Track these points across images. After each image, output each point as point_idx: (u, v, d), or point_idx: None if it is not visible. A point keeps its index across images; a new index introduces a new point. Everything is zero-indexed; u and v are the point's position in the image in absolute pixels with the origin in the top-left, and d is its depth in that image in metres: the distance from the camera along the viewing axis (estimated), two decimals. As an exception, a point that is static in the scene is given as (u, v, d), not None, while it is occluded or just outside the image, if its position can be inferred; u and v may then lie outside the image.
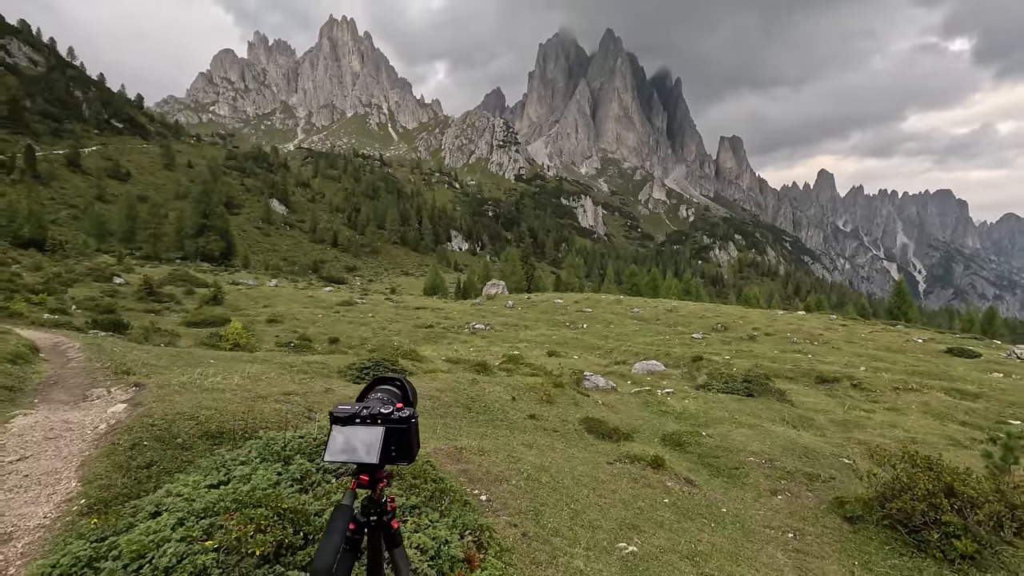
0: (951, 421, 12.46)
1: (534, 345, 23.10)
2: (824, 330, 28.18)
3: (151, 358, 9.30)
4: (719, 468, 7.12)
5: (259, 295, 33.29)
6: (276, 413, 5.64)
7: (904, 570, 4.50)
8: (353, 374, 9.48)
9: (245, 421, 5.13)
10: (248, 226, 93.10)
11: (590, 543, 4.03)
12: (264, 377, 7.99)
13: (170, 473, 4.26)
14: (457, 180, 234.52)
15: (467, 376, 10.16)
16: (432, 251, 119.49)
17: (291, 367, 9.60)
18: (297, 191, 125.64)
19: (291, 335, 21.74)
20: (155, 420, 5.01)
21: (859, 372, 17.33)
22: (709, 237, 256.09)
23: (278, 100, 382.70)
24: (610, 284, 77.48)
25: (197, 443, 4.82)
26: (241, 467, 3.21)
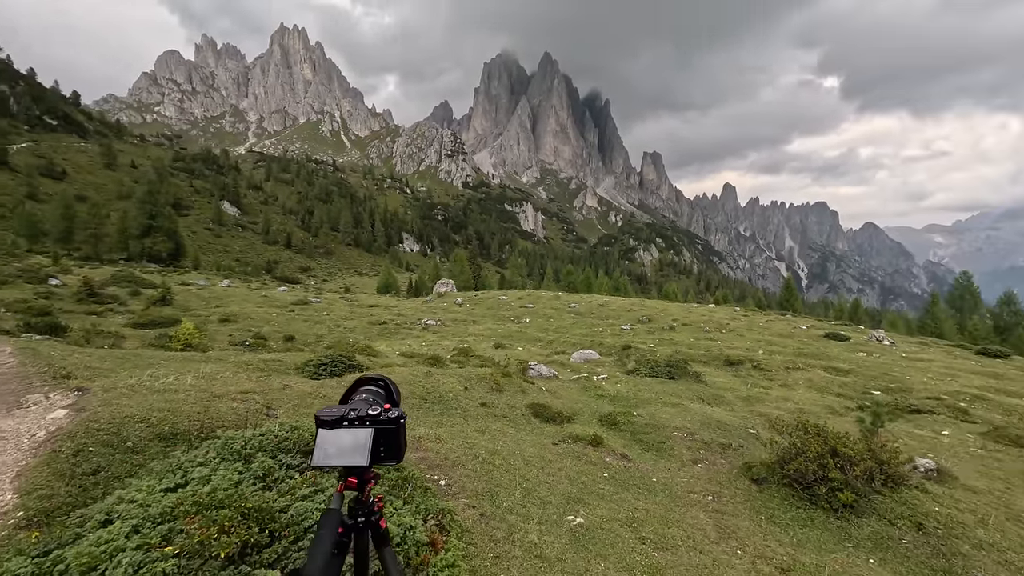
0: (829, 393, 13.59)
1: (482, 338, 22.98)
2: (730, 320, 30.00)
3: (94, 361, 8.33)
4: (649, 443, 7.37)
5: (211, 295, 30.82)
6: (233, 412, 5.21)
7: (800, 520, 4.89)
8: (311, 370, 8.97)
9: (201, 421, 4.69)
10: (198, 227, 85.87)
11: (542, 518, 4.06)
12: (219, 376, 7.38)
13: (120, 479, 3.83)
14: (408, 186, 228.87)
15: (422, 369, 9.93)
16: (385, 252, 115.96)
17: (247, 365, 8.93)
18: (249, 193, 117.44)
19: (245, 334, 20.32)
20: (101, 424, 4.47)
21: (758, 355, 18.49)
22: (635, 240, 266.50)
23: (228, 104, 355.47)
24: (549, 282, 78.75)
25: (149, 446, 4.36)
26: (199, 468, 2.92)
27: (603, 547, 3.76)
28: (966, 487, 6.45)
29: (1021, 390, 15.17)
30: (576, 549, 3.65)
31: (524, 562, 3.31)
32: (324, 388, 7.39)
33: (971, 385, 15.04)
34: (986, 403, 12.89)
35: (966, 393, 13.74)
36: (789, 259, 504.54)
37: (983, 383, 15.63)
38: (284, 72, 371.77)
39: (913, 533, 4.69)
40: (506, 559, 3.29)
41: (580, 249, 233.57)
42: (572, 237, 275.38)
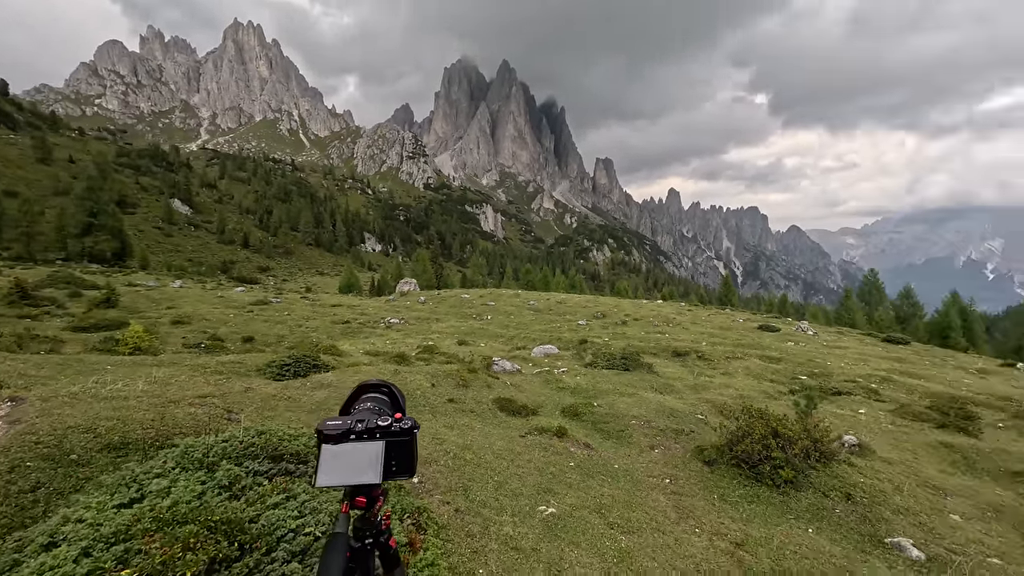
0: (764, 380, 14.31)
1: (446, 336, 22.62)
2: (676, 315, 31.20)
3: (30, 368, 7.45)
4: (609, 432, 7.48)
5: (161, 296, 28.51)
6: (191, 418, 4.80)
7: (748, 497, 5.11)
8: (274, 371, 8.44)
9: (156, 429, 4.27)
10: (146, 226, 79.22)
11: (515, 510, 4.00)
12: (174, 380, 6.79)
13: (64, 495, 3.41)
14: (370, 187, 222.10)
15: (389, 367, 9.63)
16: (347, 252, 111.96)
17: (204, 368, 8.30)
18: (202, 192, 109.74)
19: (201, 336, 18.93)
20: (40, 437, 3.98)
21: (702, 346, 19.29)
22: (588, 241, 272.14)
23: (178, 99, 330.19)
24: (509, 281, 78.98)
25: (97, 458, 3.92)
26: (157, 480, 2.62)
27: (575, 534, 3.76)
28: (882, 459, 7.01)
29: (920, 372, 16.75)
30: (550, 538, 3.63)
31: (501, 555, 3.24)
32: (288, 390, 6.98)
33: (880, 368, 16.41)
34: (892, 384, 14.09)
35: (876, 375, 14.96)
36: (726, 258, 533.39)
37: (889, 366, 17.10)
38: (239, 68, 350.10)
39: (843, 503, 5.03)
40: (483, 553, 3.21)
41: (538, 249, 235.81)
42: (530, 238, 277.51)
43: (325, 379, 7.87)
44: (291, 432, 3.51)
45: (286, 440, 3.35)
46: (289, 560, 2.05)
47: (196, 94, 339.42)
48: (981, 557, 4.15)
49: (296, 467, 3.02)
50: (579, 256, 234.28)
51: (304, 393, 6.83)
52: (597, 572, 3.24)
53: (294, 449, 3.23)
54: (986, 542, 4.57)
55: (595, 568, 3.29)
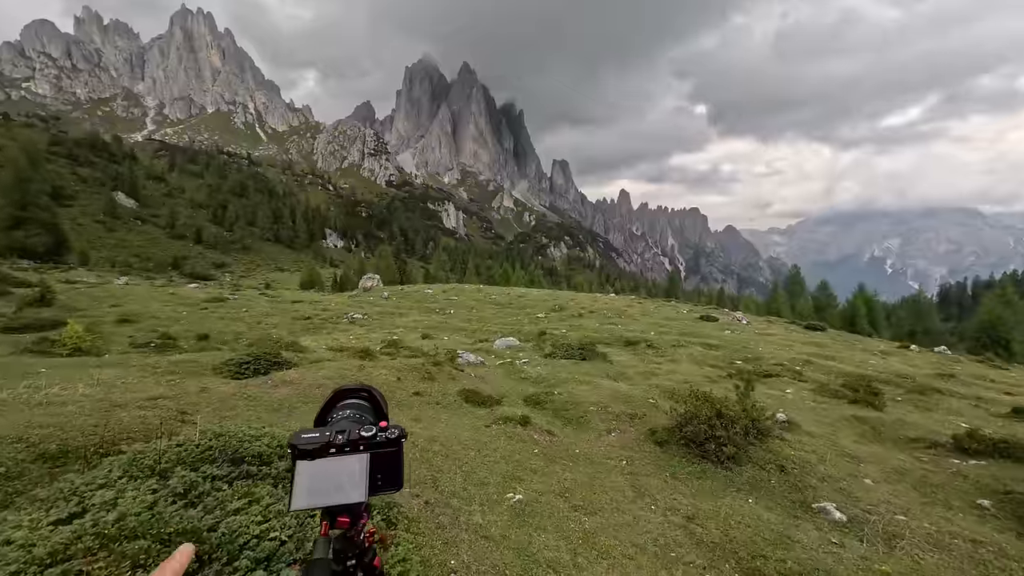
0: (706, 365, 14.97)
1: (409, 330, 22.13)
2: (627, 307, 32.14)
3: (-52, 374, 6.54)
4: (569, 418, 7.56)
5: (104, 294, 25.92)
6: (141, 422, 4.35)
7: (696, 473, 5.34)
8: (231, 370, 7.87)
9: (100, 436, 3.83)
10: (86, 220, 71.75)
11: (483, 499, 3.94)
12: (120, 383, 6.18)
13: (-11, 511, 2.99)
14: (331, 183, 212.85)
15: (354, 362, 9.25)
16: (308, 248, 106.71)
17: (155, 368, 7.61)
18: (149, 184, 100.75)
19: (150, 335, 17.36)
20: (-39, 450, 3.47)
21: (651, 336, 19.94)
22: (546, 238, 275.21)
23: (119, 86, 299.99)
24: (471, 276, 78.49)
25: (29, 469, 3.47)
26: (101, 492, 2.32)
27: (542, 519, 3.76)
28: (807, 433, 7.56)
29: (835, 354, 18.24)
30: (518, 524, 3.60)
31: (472, 544, 3.18)
32: (248, 388, 6.53)
33: (803, 352, 17.70)
34: (813, 366, 15.24)
35: (799, 359, 16.11)
36: (671, 255, 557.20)
37: (810, 350, 18.49)
38: (188, 57, 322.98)
39: (778, 474, 5.36)
40: (455, 544, 3.13)
41: (499, 246, 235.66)
42: (491, 235, 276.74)
43: (287, 376, 7.44)
44: (252, 433, 3.25)
45: (247, 441, 3.09)
46: (253, 568, 1.87)
47: (140, 82, 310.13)
48: (891, 515, 4.55)
49: (259, 469, 2.79)
50: (538, 253, 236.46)
51: (265, 391, 6.42)
52: (564, 554, 3.26)
53: (256, 450, 3.00)
54: (893, 501, 5.03)
55: (562, 550, 3.30)
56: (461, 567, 2.93)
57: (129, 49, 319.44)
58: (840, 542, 3.94)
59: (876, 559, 3.67)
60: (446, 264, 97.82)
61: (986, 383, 14.44)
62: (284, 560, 1.98)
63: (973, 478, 6.01)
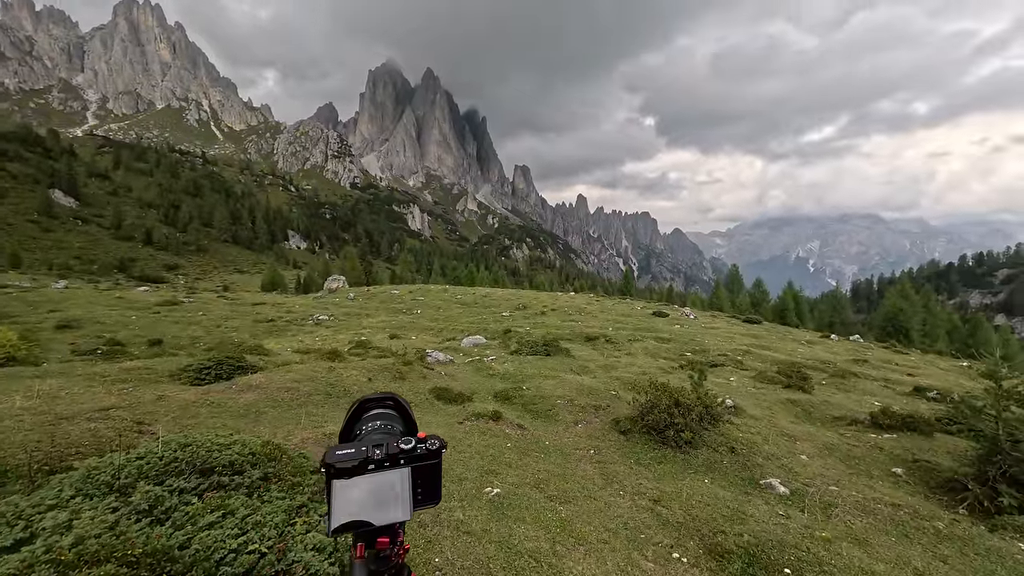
0: (659, 357, 15.42)
1: (377, 330, 21.46)
2: (586, 305, 32.77)
3: None
4: (538, 412, 7.59)
5: (40, 299, 23.30)
6: (92, 434, 3.91)
7: (658, 459, 5.51)
8: (191, 376, 7.27)
9: (44, 452, 3.41)
10: (17, 220, 64.13)
11: (462, 494, 3.87)
12: (64, 393, 5.53)
13: (-90, 542, 2.57)
14: (293, 184, 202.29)
15: (323, 364, 8.82)
16: (269, 249, 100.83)
17: (103, 377, 6.89)
18: (91, 183, 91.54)
19: (95, 341, 15.77)
20: None
21: (609, 331, 20.36)
22: (509, 240, 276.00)
23: (55, 77, 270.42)
24: (437, 277, 77.35)
25: (-41, 493, 3.02)
26: (52, 513, 2.04)
27: (520, 511, 3.74)
28: (751, 416, 8.02)
29: (769, 344, 19.49)
30: (498, 518, 3.56)
31: (454, 540, 3.10)
32: (211, 394, 6.05)
33: (743, 344, 18.77)
34: (752, 355, 16.19)
35: (740, 349, 17.06)
36: (625, 256, 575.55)
37: (749, 342, 19.66)
38: (134, 50, 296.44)
39: (729, 455, 5.64)
40: (437, 541, 3.04)
41: (463, 247, 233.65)
42: (456, 237, 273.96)
43: (253, 380, 6.97)
44: (221, 441, 3.00)
45: (216, 451, 2.85)
46: (232, 584, 1.72)
47: (80, 74, 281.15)
48: (825, 487, 4.91)
49: (231, 479, 2.57)
50: (501, 254, 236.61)
51: (230, 397, 5.98)
52: (544, 543, 3.25)
53: (227, 459, 2.76)
54: (826, 474, 5.43)
55: (542, 540, 3.30)
56: (445, 564, 2.85)
57: (66, 38, 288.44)
58: (786, 513, 4.20)
59: (817, 527, 3.95)
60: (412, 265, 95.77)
61: (892, 366, 15.97)
62: (265, 572, 1.83)
63: (887, 450, 6.61)
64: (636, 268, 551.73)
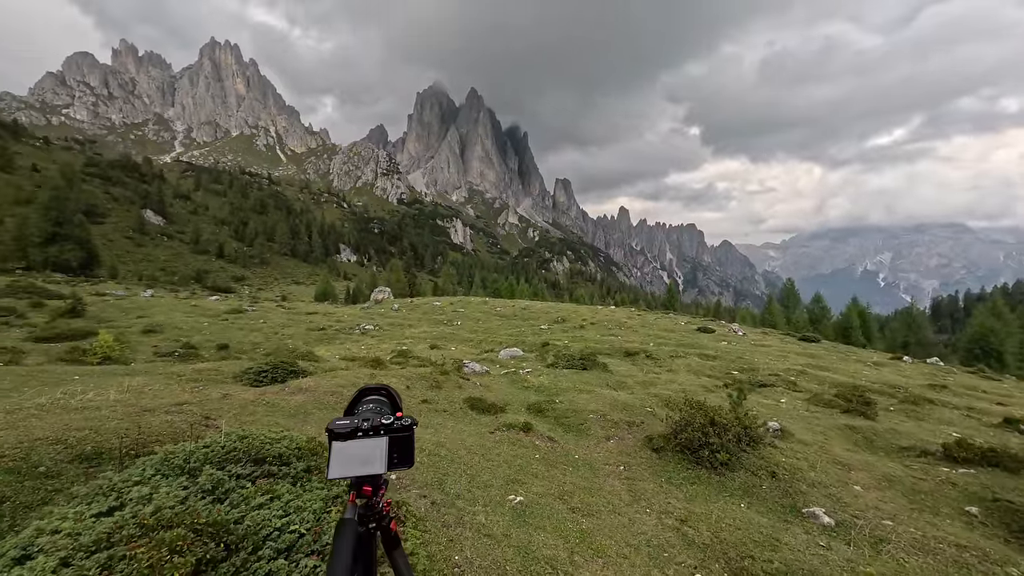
0: (703, 375, 14.81)
1: (419, 340, 22.21)
2: (627, 319, 31.98)
3: (-10, 380, 6.73)
4: (570, 425, 7.57)
5: (132, 306, 26.37)
6: (169, 425, 4.48)
7: (691, 479, 5.34)
8: (250, 378, 8.01)
9: (131, 438, 3.96)
10: (116, 236, 73.21)
11: (487, 500, 4.00)
12: (148, 389, 6.32)
13: (30, 508, 3.10)
14: (345, 201, 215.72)
15: (365, 371, 9.35)
16: (323, 262, 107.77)
17: (179, 376, 7.76)
18: (176, 203, 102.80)
19: (174, 344, 17.65)
20: (5, 450, 3.61)
21: (650, 347, 19.80)
22: (549, 253, 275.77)
23: (151, 112, 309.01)
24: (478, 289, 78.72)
25: (67, 469, 3.60)
26: (137, 488, 2.44)
27: (541, 520, 3.81)
28: (799, 441, 7.51)
29: (828, 365, 18.03)
30: (519, 524, 3.66)
31: (475, 542, 3.24)
32: (267, 395, 6.65)
33: (797, 363, 17.51)
34: (807, 376, 15.07)
35: (794, 369, 15.93)
36: (669, 269, 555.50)
37: (805, 361, 18.29)
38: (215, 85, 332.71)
39: (769, 480, 5.35)
40: (459, 541, 3.19)
41: (504, 260, 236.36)
42: (497, 250, 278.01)
43: (303, 384, 7.55)
44: (272, 436, 3.37)
45: (268, 444, 3.21)
46: (275, 557, 1.97)
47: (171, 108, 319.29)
48: (878, 520, 4.53)
49: (279, 469, 2.90)
50: (541, 267, 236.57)
51: (283, 398, 6.54)
52: (562, 552, 3.30)
53: (276, 452, 3.11)
54: (881, 507, 5.00)
55: (560, 548, 3.35)
56: (464, 562, 2.99)
57: (161, 78, 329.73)
58: (827, 545, 3.94)
59: (862, 561, 3.67)
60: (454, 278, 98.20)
61: (978, 394, 14.20)
62: (303, 551, 2.08)
63: (962, 486, 5.95)
64: (681, 282, 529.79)
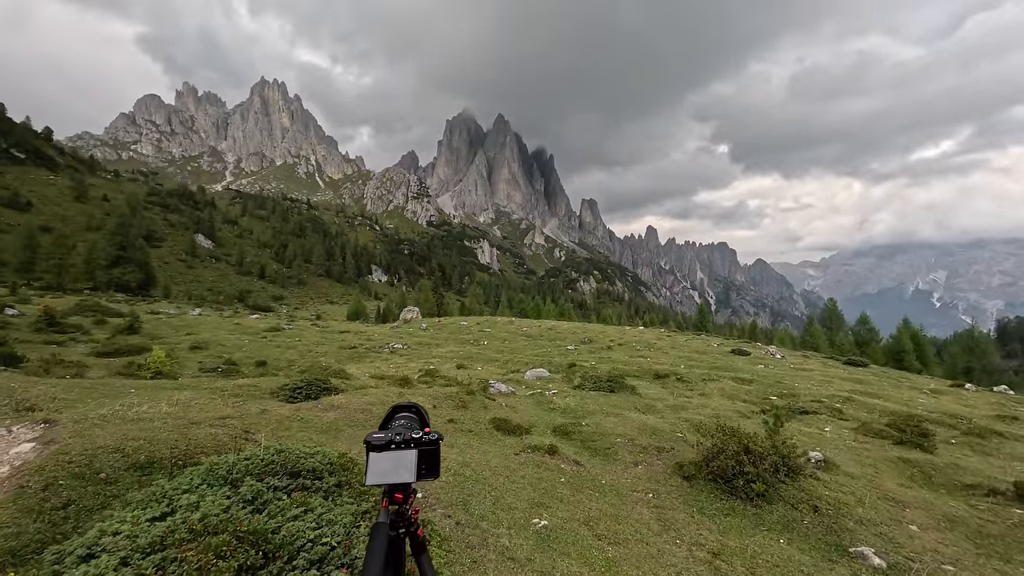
0: (738, 400, 14.15)
1: (445, 360, 22.41)
2: (656, 340, 31.13)
3: (59, 392, 7.34)
4: (596, 449, 7.40)
5: (181, 323, 28.16)
6: (212, 438, 4.76)
7: (724, 510, 5.09)
8: (287, 394, 8.36)
9: (180, 449, 4.24)
10: (171, 258, 79.01)
11: (511, 523, 3.97)
12: (194, 403, 6.72)
13: (91, 511, 3.36)
14: (377, 223, 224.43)
15: (394, 389, 9.55)
16: (355, 282, 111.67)
17: (222, 391, 8.20)
18: (224, 228, 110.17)
19: (217, 360, 18.64)
20: (72, 457, 3.94)
21: (681, 369, 19.14)
22: (576, 273, 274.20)
23: (207, 145, 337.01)
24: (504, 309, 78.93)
25: (124, 476, 3.88)
26: (186, 495, 2.62)
27: (566, 545, 3.74)
28: (846, 473, 7.00)
29: (878, 392, 16.78)
30: (543, 549, 3.60)
31: (498, 564, 3.22)
32: (301, 411, 6.92)
33: (843, 389, 16.40)
34: (854, 403, 14.07)
35: (839, 396, 14.93)
36: (700, 288, 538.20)
37: (851, 387, 17.11)
38: (263, 119, 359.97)
39: (811, 515, 5.02)
40: (482, 563, 3.18)
41: (530, 280, 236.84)
42: (523, 270, 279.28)
43: (335, 401, 7.80)
44: (307, 451, 3.53)
45: (303, 458, 3.36)
46: (308, 568, 2.07)
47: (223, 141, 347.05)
48: (936, 564, 4.15)
49: (312, 483, 3.03)
50: (567, 286, 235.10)
51: (316, 414, 6.78)
52: (587, 580, 3.22)
53: (310, 466, 3.25)
54: (941, 550, 4.57)
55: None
56: (488, 586, 2.97)
57: (216, 115, 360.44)
58: (878, 589, 3.64)
59: (918, 609, 3.36)
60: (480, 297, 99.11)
61: (1056, 427, 12.79)
62: (333, 563, 2.16)
63: (1037, 530, 5.36)
64: (713, 301, 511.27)
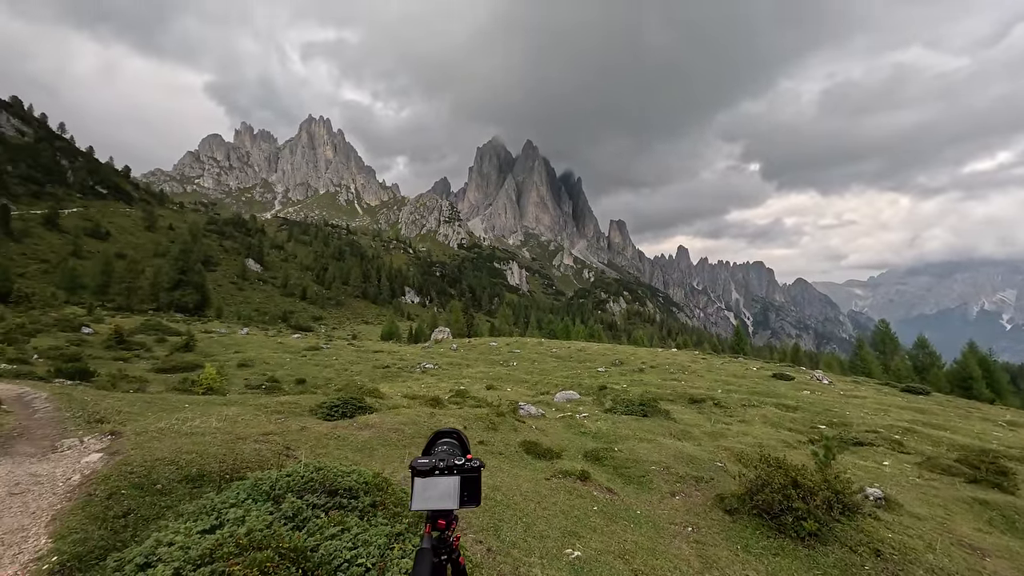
0: (782, 428, 13.24)
1: (475, 380, 22.42)
2: (691, 363, 29.88)
3: (124, 405, 7.90)
4: (630, 477, 7.07)
5: (231, 342, 29.81)
6: (256, 453, 4.94)
7: (772, 549, 4.69)
8: (324, 412, 8.59)
9: (226, 463, 4.43)
10: (224, 281, 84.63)
11: (543, 552, 3.82)
12: (241, 419, 7.04)
13: (147, 520, 3.54)
14: (411, 247, 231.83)
15: (425, 410, 9.60)
16: (389, 303, 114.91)
17: (265, 408, 8.54)
18: (272, 252, 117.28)
19: (261, 378, 19.51)
20: (134, 467, 4.20)
21: (718, 394, 18.25)
22: (605, 293, 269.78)
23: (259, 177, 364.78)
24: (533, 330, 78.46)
25: (176, 488, 4.08)
26: (233, 510, 2.72)
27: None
28: (911, 514, 6.32)
29: (944, 423, 15.22)
30: (576, 582, 3.44)
31: (531, 596, 3.10)
32: (338, 429, 7.07)
33: (902, 419, 15.03)
34: (916, 435, 12.83)
35: (898, 426, 13.67)
36: (736, 309, 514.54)
37: (912, 417, 15.65)
38: (309, 153, 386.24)
39: (873, 559, 4.54)
40: (514, 594, 3.07)
41: (559, 301, 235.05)
42: (552, 291, 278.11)
43: (369, 420, 7.94)
44: (344, 469, 3.59)
45: (340, 476, 3.42)
46: (344, 588, 2.08)
47: (274, 173, 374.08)
48: (1028, 625, 3.62)
49: (349, 501, 3.07)
50: (597, 307, 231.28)
51: (351, 433, 6.91)
52: (624, 619, 3.03)
53: (347, 485, 3.30)
54: (1033, 609, 4.00)
55: (621, 615, 3.08)
56: (521, 618, 2.85)
57: (269, 150, 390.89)
58: (958, 650, 3.20)
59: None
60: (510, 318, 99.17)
61: None
62: (368, 586, 2.16)
63: None
64: (751, 323, 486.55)
